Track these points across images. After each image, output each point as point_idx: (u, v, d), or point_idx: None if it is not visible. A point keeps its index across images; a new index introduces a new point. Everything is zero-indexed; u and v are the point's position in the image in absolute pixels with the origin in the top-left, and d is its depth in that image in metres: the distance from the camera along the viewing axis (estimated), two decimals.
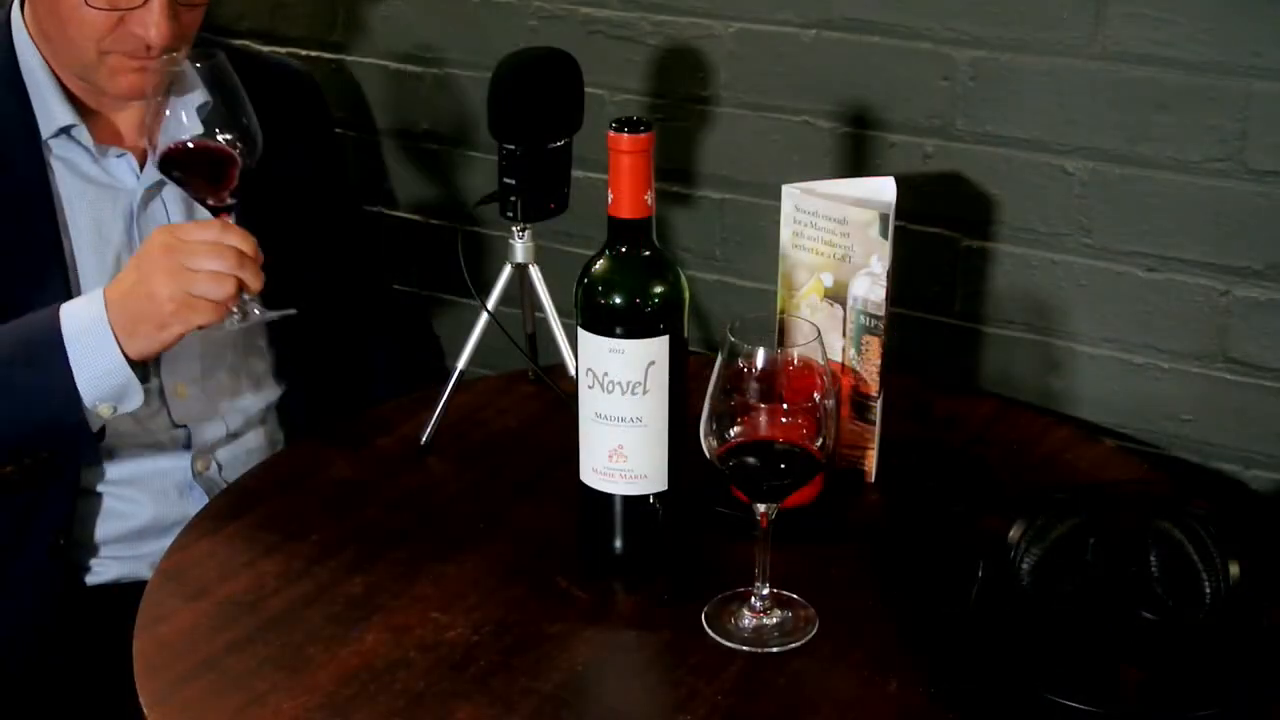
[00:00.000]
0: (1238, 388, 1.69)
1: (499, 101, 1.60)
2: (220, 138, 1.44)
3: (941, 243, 1.81)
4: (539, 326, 1.79)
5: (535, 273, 1.70)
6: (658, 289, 1.27)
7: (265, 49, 2.13)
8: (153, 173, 1.61)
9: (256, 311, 1.47)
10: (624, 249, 1.27)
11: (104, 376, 1.42)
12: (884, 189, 1.45)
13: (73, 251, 1.58)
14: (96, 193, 1.60)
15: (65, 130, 1.58)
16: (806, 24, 1.82)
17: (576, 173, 1.72)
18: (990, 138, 1.75)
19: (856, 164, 1.83)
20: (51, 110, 1.57)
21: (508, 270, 1.69)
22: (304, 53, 2.19)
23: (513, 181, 1.62)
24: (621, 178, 1.24)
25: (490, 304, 1.67)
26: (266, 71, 1.77)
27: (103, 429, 1.51)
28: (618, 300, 1.26)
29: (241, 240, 1.42)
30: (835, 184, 1.48)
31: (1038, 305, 1.77)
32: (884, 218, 1.42)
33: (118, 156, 1.61)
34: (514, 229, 1.67)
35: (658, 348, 1.26)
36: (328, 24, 2.18)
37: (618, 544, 1.33)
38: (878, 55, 1.78)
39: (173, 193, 1.64)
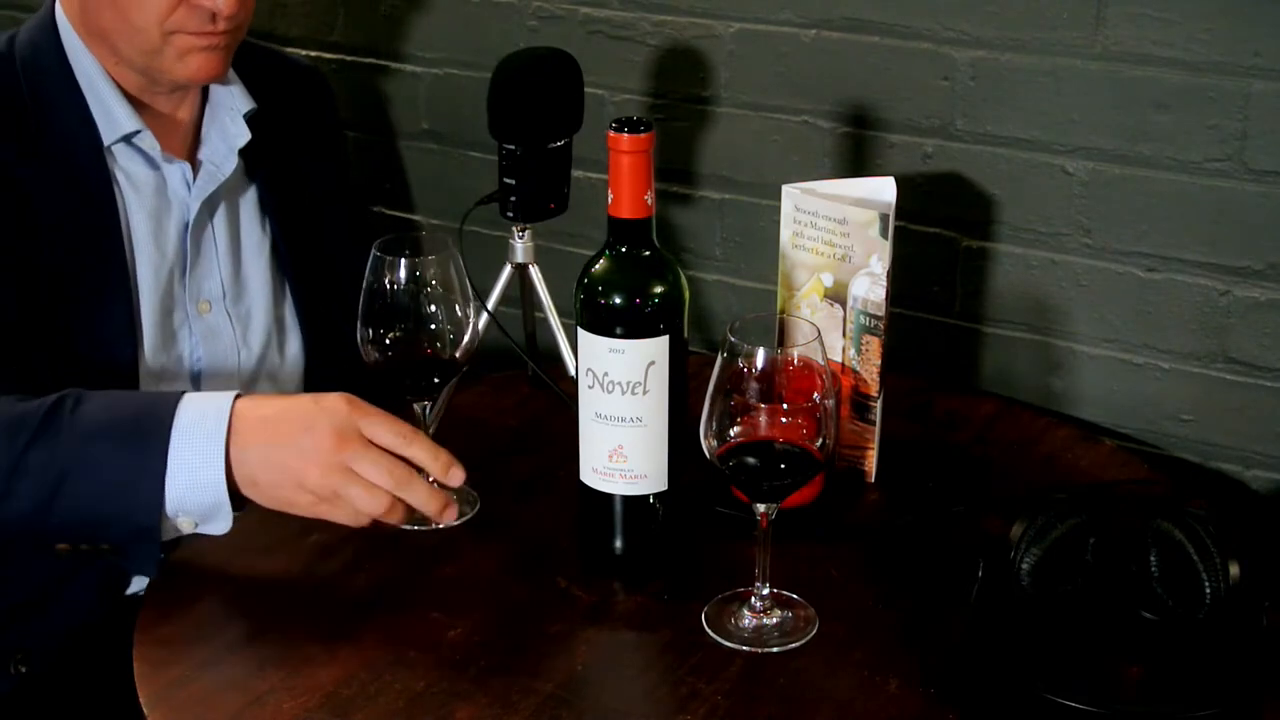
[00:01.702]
0: (1238, 388, 1.69)
1: (499, 101, 1.60)
2: (451, 340, 1.40)
3: (941, 243, 1.81)
4: (539, 326, 1.79)
5: (535, 273, 1.70)
6: (658, 289, 1.27)
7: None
8: (206, 185, 1.56)
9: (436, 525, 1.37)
10: (624, 249, 1.27)
11: (199, 489, 1.27)
12: (884, 189, 1.45)
13: (134, 267, 1.52)
14: (155, 203, 1.53)
15: (127, 137, 1.51)
16: (806, 24, 1.82)
17: (576, 173, 1.72)
18: (990, 138, 1.75)
19: (856, 164, 1.83)
20: (114, 115, 1.50)
21: (508, 270, 1.69)
22: (304, 53, 2.19)
23: (513, 181, 1.62)
24: (621, 178, 1.24)
25: (490, 304, 1.67)
26: (279, 68, 1.73)
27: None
28: (618, 300, 1.26)
29: (429, 456, 1.28)
30: (835, 184, 1.48)
31: (1038, 305, 1.77)
32: (884, 218, 1.42)
33: (173, 165, 1.54)
34: (514, 229, 1.67)
35: (658, 348, 1.26)
36: (328, 24, 2.18)
37: (618, 544, 1.33)
38: (878, 55, 1.78)
39: (223, 214, 1.59)
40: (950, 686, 1.19)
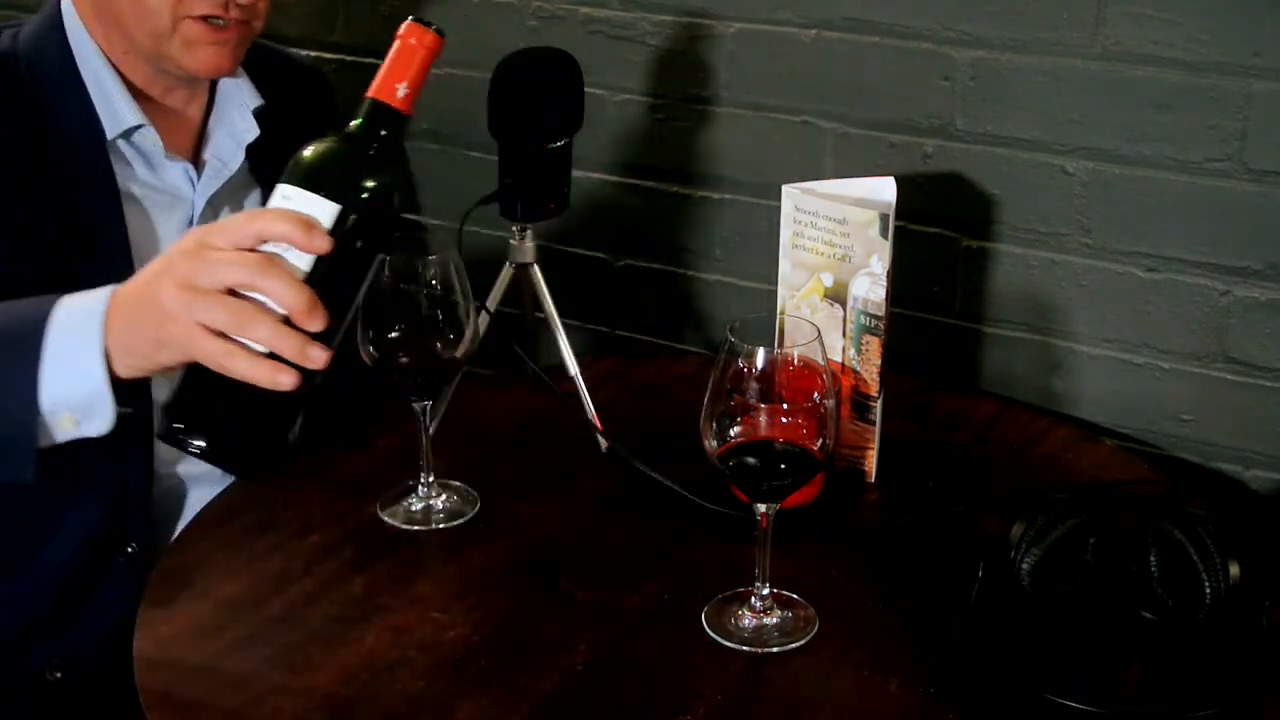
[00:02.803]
0: (1238, 388, 1.69)
1: (499, 101, 1.60)
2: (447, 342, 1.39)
3: (941, 243, 1.81)
4: (539, 326, 1.79)
5: (536, 273, 1.70)
6: (359, 160, 1.23)
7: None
8: (211, 181, 1.53)
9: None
10: (366, 126, 1.26)
11: (75, 380, 1.20)
12: (884, 189, 1.45)
13: (139, 268, 1.46)
14: (155, 204, 1.50)
15: (128, 133, 1.48)
16: (806, 24, 1.82)
17: (576, 173, 1.72)
18: (990, 138, 1.75)
19: (856, 164, 1.83)
20: (116, 109, 1.47)
21: (508, 270, 1.69)
22: (304, 53, 2.19)
23: (513, 181, 1.62)
24: (394, 61, 1.27)
25: (490, 304, 1.67)
26: (283, 66, 1.71)
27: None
28: (312, 150, 1.23)
29: (285, 224, 1.16)
30: (835, 184, 1.48)
31: (1038, 305, 1.77)
32: (884, 218, 1.42)
33: (175, 163, 1.52)
34: (514, 229, 1.67)
35: (321, 209, 1.19)
36: (328, 24, 2.18)
37: (229, 406, 1.21)
38: (878, 55, 1.78)
39: (228, 214, 1.54)
40: (950, 686, 1.19)
